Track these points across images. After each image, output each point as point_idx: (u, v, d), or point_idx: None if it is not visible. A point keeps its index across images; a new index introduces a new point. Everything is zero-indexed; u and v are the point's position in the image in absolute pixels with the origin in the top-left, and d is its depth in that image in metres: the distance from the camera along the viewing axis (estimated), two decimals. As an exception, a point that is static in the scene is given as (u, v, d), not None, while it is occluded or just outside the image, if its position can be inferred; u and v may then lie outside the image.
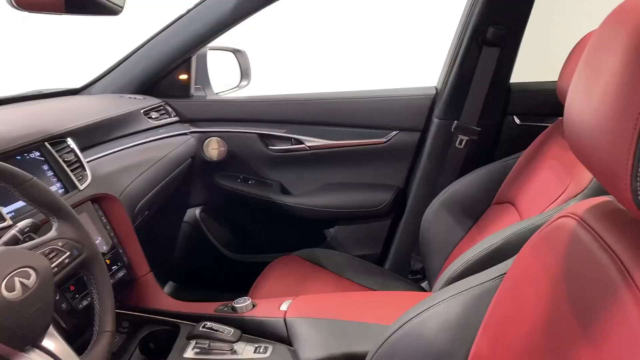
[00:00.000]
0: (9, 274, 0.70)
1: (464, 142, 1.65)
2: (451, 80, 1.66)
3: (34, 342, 0.74)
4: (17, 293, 0.70)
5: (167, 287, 2.05)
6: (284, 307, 1.16)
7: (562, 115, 1.41)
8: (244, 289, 1.37)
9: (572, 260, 0.62)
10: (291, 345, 1.08)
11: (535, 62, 1.78)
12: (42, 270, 0.75)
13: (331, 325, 1.07)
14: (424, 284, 1.72)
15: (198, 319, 1.18)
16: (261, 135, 1.85)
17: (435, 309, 0.80)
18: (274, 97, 1.89)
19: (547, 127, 1.41)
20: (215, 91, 2.00)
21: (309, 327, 1.08)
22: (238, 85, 2.07)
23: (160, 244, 1.99)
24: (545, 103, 1.69)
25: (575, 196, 1.05)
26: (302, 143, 1.81)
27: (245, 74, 2.07)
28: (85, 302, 1.11)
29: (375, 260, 1.84)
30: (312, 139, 1.81)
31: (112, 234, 1.26)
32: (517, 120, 1.73)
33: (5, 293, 0.69)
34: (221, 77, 2.05)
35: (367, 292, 1.40)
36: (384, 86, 1.86)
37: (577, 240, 0.62)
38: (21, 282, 0.71)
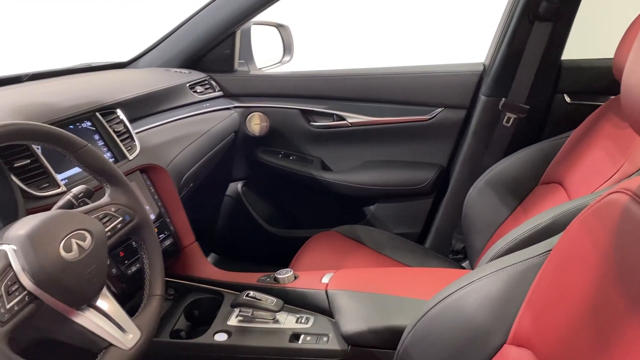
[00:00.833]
0: (66, 236, 0.73)
1: (511, 121, 1.61)
2: (500, 57, 1.61)
3: (89, 302, 0.77)
4: (74, 254, 0.73)
5: (210, 259, 2.10)
6: (325, 279, 1.17)
7: (615, 93, 1.36)
8: (283, 263, 1.39)
9: (624, 236, 0.60)
10: (332, 317, 1.09)
11: (589, 39, 1.71)
12: (97, 233, 0.78)
13: (372, 298, 1.08)
14: (465, 264, 1.71)
15: (241, 288, 1.21)
16: (303, 111, 1.85)
17: (476, 284, 0.80)
18: (317, 72, 1.88)
19: (598, 106, 1.36)
20: (258, 66, 2.01)
21: (350, 299, 1.08)
22: (281, 60, 2.07)
23: (203, 216, 2.04)
24: (598, 81, 1.63)
25: (629, 176, 1.01)
26: (344, 119, 1.80)
27: (288, 49, 2.06)
28: (133, 268, 1.15)
29: (415, 239, 1.83)
30: (354, 115, 1.80)
31: (159, 204, 1.30)
32: (568, 99, 1.67)
33: (63, 253, 0.72)
34: (264, 52, 2.05)
35: (408, 268, 1.40)
36: (430, 62, 1.82)
37: (630, 216, 0.60)
38: (78, 244, 0.74)
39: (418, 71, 1.77)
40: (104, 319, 0.77)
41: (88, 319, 0.75)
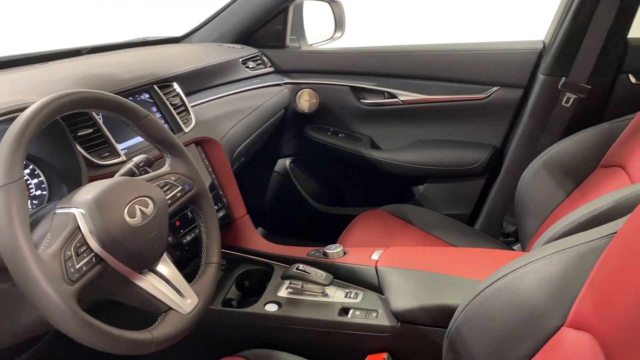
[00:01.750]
0: (130, 202, 0.76)
1: (571, 101, 1.55)
2: (562, 34, 1.55)
3: (150, 266, 0.79)
4: (138, 219, 0.75)
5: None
6: (374, 256, 1.16)
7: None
8: (328, 240, 1.39)
9: None
10: (381, 294, 1.10)
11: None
12: (159, 200, 0.80)
13: (423, 276, 1.07)
14: (516, 247, 1.67)
15: (291, 261, 1.22)
16: (353, 88, 1.84)
17: (534, 265, 0.78)
18: (368, 49, 1.86)
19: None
20: (310, 42, 2.01)
21: (400, 277, 1.08)
22: (332, 36, 2.06)
23: (252, 191, 2.07)
24: None
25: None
26: (395, 97, 1.78)
27: (339, 25, 2.04)
28: (188, 238, 1.18)
29: (465, 220, 1.81)
30: (405, 93, 1.77)
31: (213, 176, 1.32)
32: (633, 79, 1.59)
33: (127, 218, 0.74)
34: (316, 28, 2.04)
35: (458, 248, 1.38)
36: (486, 39, 1.77)
37: None
38: (141, 210, 0.76)
39: (474, 48, 1.73)
40: (164, 283, 0.80)
41: (149, 283, 0.78)
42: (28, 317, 0.77)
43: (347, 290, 1.12)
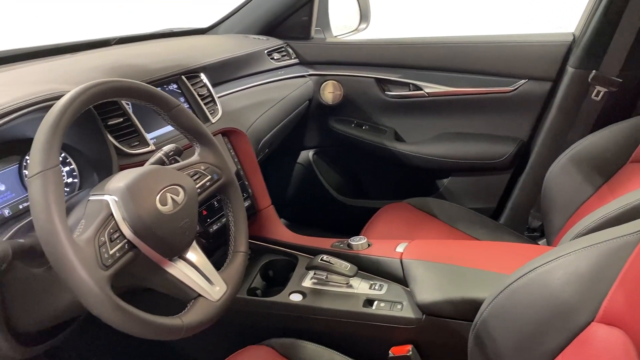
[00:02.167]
0: (162, 190, 0.77)
1: (601, 94, 1.52)
2: (593, 26, 1.51)
3: (180, 254, 0.81)
4: (169, 207, 0.77)
5: (280, 224, 2.15)
6: (399, 248, 1.16)
7: None
8: (351, 232, 1.39)
9: None
10: (406, 286, 1.09)
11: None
12: (189, 188, 0.81)
13: (449, 269, 1.07)
14: (542, 242, 1.65)
15: (315, 252, 1.23)
16: (378, 80, 1.83)
17: (563, 260, 0.77)
18: (394, 40, 1.84)
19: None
20: (335, 34, 2.00)
21: (426, 269, 1.08)
22: (357, 28, 2.05)
23: (274, 182, 2.08)
24: None
25: None
26: (421, 89, 1.77)
27: (364, 16, 2.03)
28: (215, 227, 1.19)
29: (489, 214, 1.79)
30: (431, 85, 1.76)
31: (239, 167, 1.33)
32: None
33: (159, 206, 0.75)
34: (341, 20, 2.03)
35: (484, 242, 1.37)
36: (514, 31, 1.74)
37: None
38: (172, 198, 0.78)
39: (501, 40, 1.70)
40: (194, 270, 0.81)
41: (179, 270, 0.79)
42: (61, 301, 0.79)
43: (372, 282, 1.12)
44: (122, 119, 1.05)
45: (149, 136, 1.10)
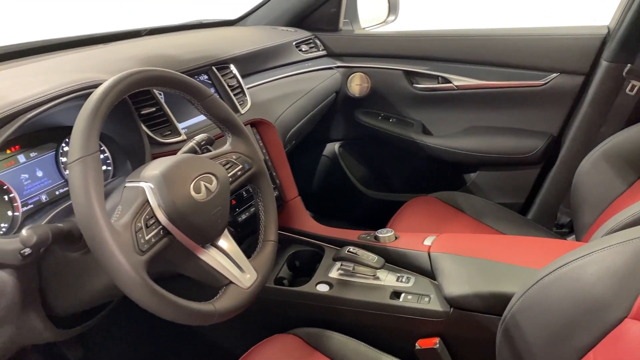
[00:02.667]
0: (196, 178, 0.78)
1: (636, 89, 1.48)
2: (629, 19, 1.48)
3: (213, 241, 0.82)
4: (202, 195, 0.78)
5: (305, 216, 2.16)
6: (427, 242, 1.16)
7: None
8: (376, 226, 1.38)
9: None
10: (434, 279, 1.09)
11: None
12: (222, 177, 0.82)
13: (477, 263, 1.06)
14: (570, 239, 1.62)
15: (341, 243, 1.23)
16: (406, 72, 1.81)
17: (597, 255, 0.75)
18: (423, 32, 1.83)
19: None
20: (363, 26, 1.99)
21: (454, 263, 1.07)
22: (385, 20, 2.04)
23: (300, 174, 2.08)
24: None
25: None
26: (449, 82, 1.75)
27: (393, 8, 2.02)
28: (243, 216, 1.20)
29: (517, 209, 1.77)
30: (460, 78, 1.74)
31: (266, 157, 1.34)
32: None
33: (193, 194, 0.77)
34: (369, 11, 2.02)
35: (513, 236, 1.35)
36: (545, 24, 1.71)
37: None
38: (206, 186, 0.79)
39: (533, 33, 1.67)
40: (226, 258, 0.82)
41: (212, 257, 0.80)
42: (96, 285, 0.81)
43: (399, 275, 1.12)
44: (154, 109, 1.07)
45: (180, 126, 1.11)
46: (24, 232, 0.68)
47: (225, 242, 0.84)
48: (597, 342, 0.73)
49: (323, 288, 1.12)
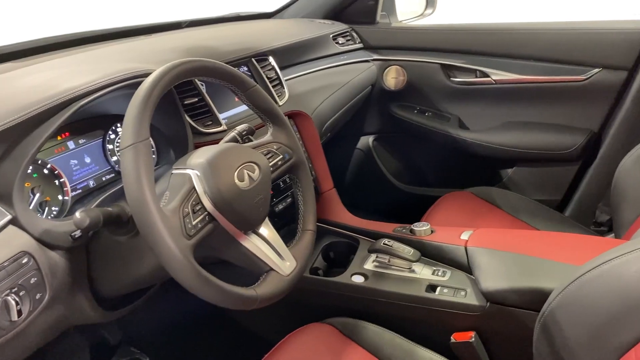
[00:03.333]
0: (239, 166, 0.80)
1: None
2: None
3: (254, 228, 0.84)
4: (246, 183, 0.79)
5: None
6: (464, 236, 1.15)
7: None
8: (409, 220, 1.38)
9: None
10: (470, 273, 1.09)
11: None
12: (264, 166, 0.84)
13: (515, 258, 1.05)
14: (609, 237, 1.59)
15: (377, 236, 1.24)
16: (444, 66, 1.80)
17: None
18: (461, 26, 1.81)
19: None
20: (400, 19, 1.98)
21: (492, 257, 1.07)
22: (423, 13, 2.02)
23: (333, 167, 2.09)
24: None
25: None
26: (488, 76, 1.73)
27: (431, 1, 2.01)
28: (280, 206, 1.22)
29: (554, 206, 1.74)
30: (499, 72, 1.71)
31: (303, 149, 1.35)
32: None
33: (237, 182, 0.78)
34: (406, 4, 2.01)
35: (551, 232, 1.34)
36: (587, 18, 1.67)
37: None
38: (249, 175, 0.80)
39: (574, 27, 1.64)
40: (266, 245, 0.84)
41: (253, 244, 0.82)
42: (141, 268, 0.83)
43: (435, 268, 1.12)
44: (197, 99, 1.09)
45: (220, 116, 1.13)
46: (77, 214, 0.71)
47: (266, 229, 0.85)
48: (637, 341, 0.72)
49: (358, 279, 1.13)
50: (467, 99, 1.81)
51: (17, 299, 0.71)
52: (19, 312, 0.71)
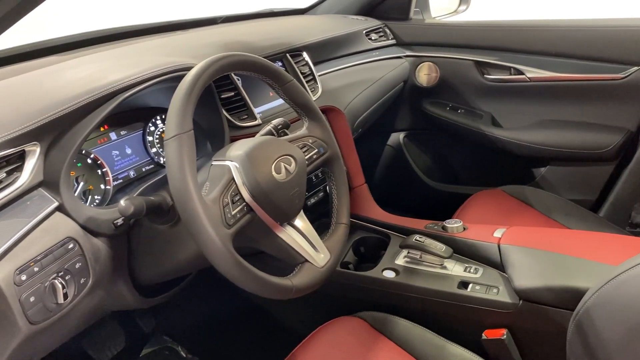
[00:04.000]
0: (276, 159, 0.81)
1: None
2: None
3: (290, 220, 0.85)
4: (283, 175, 0.81)
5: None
6: (497, 234, 1.15)
7: None
8: (439, 218, 1.38)
9: None
10: (503, 271, 1.08)
11: None
12: (300, 159, 0.85)
13: (549, 257, 1.04)
14: (645, 239, 1.56)
15: (408, 232, 1.24)
16: (477, 63, 1.78)
17: None
18: (495, 22, 1.79)
19: None
20: (433, 15, 1.97)
21: (525, 255, 1.06)
22: (456, 9, 2.01)
23: (364, 163, 2.10)
24: None
25: None
26: (522, 74, 1.71)
27: (465, -3, 1.99)
28: (312, 200, 1.24)
29: (588, 206, 1.71)
30: (534, 69, 1.69)
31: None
32: None
33: (274, 174, 0.80)
34: (440, 1, 2.00)
35: (587, 231, 1.32)
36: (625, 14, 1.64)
37: None
38: (285, 167, 0.82)
39: (613, 24, 1.60)
40: (301, 237, 0.85)
41: (289, 235, 0.83)
42: (180, 257, 0.86)
43: (467, 265, 1.12)
44: (233, 93, 1.11)
45: (255, 110, 1.15)
46: (122, 202, 0.74)
47: (301, 222, 0.87)
48: None
49: (389, 274, 1.13)
50: (500, 96, 1.79)
51: (63, 283, 0.74)
52: (65, 295, 0.74)
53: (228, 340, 1.49)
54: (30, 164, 0.75)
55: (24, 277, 0.69)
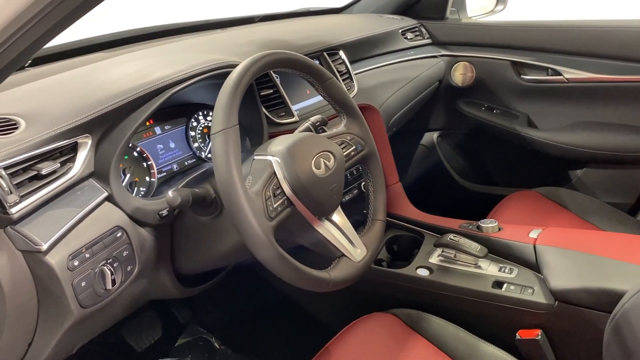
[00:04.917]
0: (316, 154, 0.83)
1: None
2: None
3: (328, 215, 0.87)
4: (322, 171, 0.83)
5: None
6: (533, 234, 1.14)
7: None
8: (473, 218, 1.37)
9: None
10: (538, 272, 1.08)
11: None
12: (339, 155, 0.87)
13: (586, 258, 1.03)
14: (686, 244, 1.52)
15: (442, 231, 1.24)
16: (514, 63, 1.77)
17: None
18: (533, 23, 1.77)
19: None
20: (470, 15, 1.96)
21: (562, 257, 1.05)
22: (493, 9, 1.99)
23: (397, 161, 2.10)
24: None
25: None
26: (560, 74, 1.69)
27: (502, -3, 1.97)
28: (347, 197, 1.25)
29: (626, 210, 1.67)
30: (572, 70, 1.67)
31: (371, 142, 1.37)
32: None
33: (314, 169, 0.82)
34: (477, 0, 1.99)
35: (625, 234, 1.30)
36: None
37: None
38: (325, 163, 0.84)
39: None
40: (339, 232, 0.87)
41: (327, 230, 0.85)
42: (220, 249, 0.88)
43: (501, 265, 1.12)
44: (272, 91, 1.14)
45: (293, 108, 1.17)
46: (170, 193, 0.77)
47: (339, 217, 0.88)
48: None
49: (423, 272, 1.14)
50: (537, 97, 1.77)
51: (111, 269, 0.77)
52: (113, 282, 0.78)
53: (261, 334, 1.52)
54: (82, 155, 0.78)
55: (76, 263, 0.73)
